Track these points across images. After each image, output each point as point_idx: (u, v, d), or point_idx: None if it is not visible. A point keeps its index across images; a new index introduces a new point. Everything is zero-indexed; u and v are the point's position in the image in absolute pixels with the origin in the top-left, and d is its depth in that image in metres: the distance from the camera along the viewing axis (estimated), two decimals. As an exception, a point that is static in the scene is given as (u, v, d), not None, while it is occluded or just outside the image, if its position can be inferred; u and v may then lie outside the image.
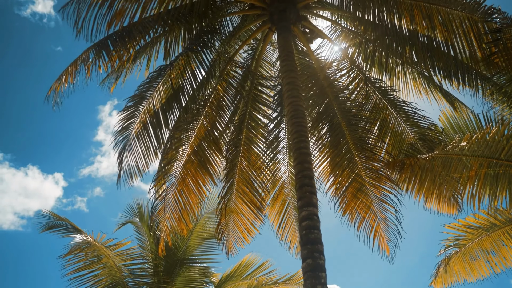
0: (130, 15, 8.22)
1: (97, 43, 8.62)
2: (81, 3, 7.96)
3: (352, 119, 9.77)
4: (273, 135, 10.26)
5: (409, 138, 9.81)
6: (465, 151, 6.38)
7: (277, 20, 8.79)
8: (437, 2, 7.88)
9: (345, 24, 9.56)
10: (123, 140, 9.69)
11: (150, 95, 9.57)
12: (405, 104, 9.85)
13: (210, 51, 9.29)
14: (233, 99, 9.99)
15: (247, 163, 10.24)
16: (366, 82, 9.77)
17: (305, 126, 7.78)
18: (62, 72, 8.98)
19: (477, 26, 7.86)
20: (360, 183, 9.76)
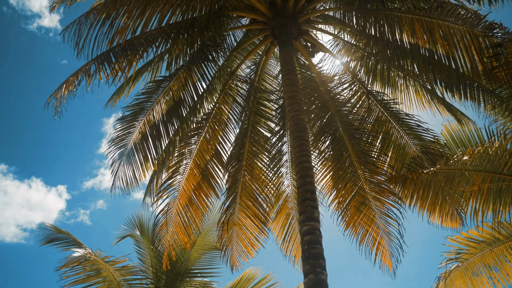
0: (131, 32, 8.29)
1: (99, 56, 8.68)
2: (82, 24, 7.99)
3: (355, 133, 9.80)
4: (276, 148, 10.28)
5: (412, 151, 9.82)
6: (467, 165, 6.39)
7: (279, 34, 8.87)
8: (437, 16, 7.92)
9: (346, 38, 9.63)
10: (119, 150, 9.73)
11: (150, 106, 9.63)
12: (407, 117, 9.89)
13: (212, 65, 9.36)
14: (235, 112, 10.04)
15: (250, 177, 10.26)
16: (368, 96, 9.82)
17: (307, 140, 7.81)
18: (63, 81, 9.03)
19: (478, 40, 7.89)
20: (363, 197, 9.75)
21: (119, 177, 9.81)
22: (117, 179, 9.81)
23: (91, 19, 7.89)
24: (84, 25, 8.03)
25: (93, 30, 7.91)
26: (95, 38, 7.94)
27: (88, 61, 8.76)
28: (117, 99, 10.29)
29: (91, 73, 8.57)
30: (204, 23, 8.59)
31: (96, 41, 7.97)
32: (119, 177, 9.80)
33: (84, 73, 8.70)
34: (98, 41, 7.99)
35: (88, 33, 7.97)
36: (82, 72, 8.78)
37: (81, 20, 8.13)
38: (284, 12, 8.83)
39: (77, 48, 8.09)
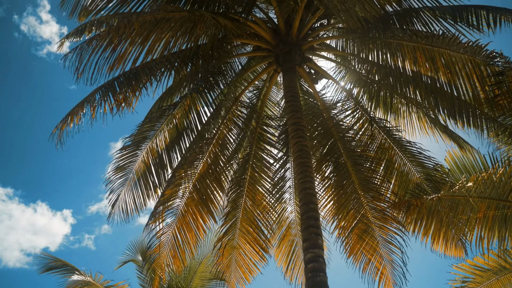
0: (133, 58, 8.42)
1: (103, 85, 8.79)
2: (84, 49, 8.10)
3: (358, 159, 9.87)
4: (279, 174, 10.34)
5: (415, 178, 9.86)
6: (471, 192, 6.41)
7: (283, 61, 9.03)
8: (439, 44, 8.07)
9: (349, 65, 9.78)
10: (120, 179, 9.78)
11: (153, 135, 9.74)
12: (410, 144, 9.95)
13: (216, 92, 9.51)
14: (238, 138, 10.12)
15: (252, 202, 10.27)
16: (371, 122, 9.91)
17: (311, 167, 7.86)
18: (68, 112, 9.13)
19: (480, 69, 8.02)
20: (365, 224, 9.75)
21: (118, 206, 9.85)
22: (116, 208, 9.86)
23: (93, 46, 8.02)
24: (85, 51, 8.15)
25: (94, 56, 8.04)
26: (95, 64, 8.08)
27: (93, 91, 8.90)
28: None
29: (95, 103, 8.68)
30: (208, 50, 8.77)
31: (97, 66, 8.11)
32: (119, 206, 9.85)
33: (88, 104, 8.80)
34: (99, 66, 8.14)
35: (89, 59, 8.11)
36: (87, 102, 8.89)
37: (83, 46, 8.24)
38: (287, 39, 9.02)
39: (77, 73, 8.21)
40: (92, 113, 8.71)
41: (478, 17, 8.30)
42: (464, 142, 9.69)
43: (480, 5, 8.45)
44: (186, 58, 8.90)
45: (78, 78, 8.31)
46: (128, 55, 8.32)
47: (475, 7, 8.41)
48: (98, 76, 8.29)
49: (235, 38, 9.08)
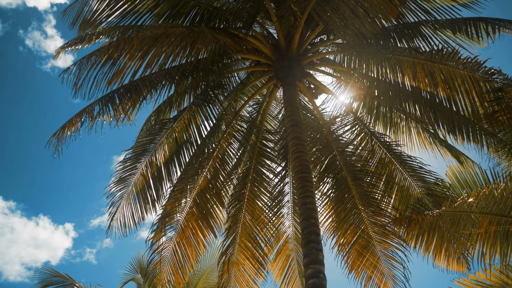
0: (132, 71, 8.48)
1: (103, 97, 8.83)
2: (83, 65, 8.16)
3: (358, 174, 9.90)
4: (277, 189, 10.35)
5: (416, 193, 9.89)
6: (473, 207, 6.43)
7: (283, 76, 9.10)
8: (438, 60, 8.17)
9: (349, 80, 9.86)
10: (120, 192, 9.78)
11: (153, 148, 9.76)
12: (410, 159, 9.98)
13: (216, 106, 9.55)
14: (237, 152, 10.16)
15: (251, 217, 10.28)
16: (371, 137, 9.97)
17: (311, 181, 7.88)
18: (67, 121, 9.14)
19: (479, 85, 8.09)
20: (366, 240, 9.75)
21: (118, 219, 9.84)
22: (115, 222, 9.84)
23: (92, 61, 8.08)
24: (85, 66, 8.20)
25: (93, 71, 8.07)
26: (94, 78, 8.10)
27: (92, 102, 8.93)
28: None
29: (94, 114, 8.70)
30: (208, 65, 8.84)
31: (95, 81, 8.13)
32: (119, 219, 9.83)
33: (87, 114, 8.82)
34: (97, 80, 8.16)
35: (87, 74, 8.15)
36: (85, 113, 8.92)
37: (83, 61, 8.30)
38: (287, 54, 9.10)
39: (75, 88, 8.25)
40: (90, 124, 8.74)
41: (477, 29, 8.40)
42: (464, 157, 9.72)
43: (479, 17, 8.56)
44: (186, 71, 8.97)
45: (76, 93, 8.38)
46: (127, 69, 8.36)
47: (474, 20, 8.53)
48: (96, 91, 8.36)
49: (235, 53, 9.16)
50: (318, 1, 7.84)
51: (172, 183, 9.90)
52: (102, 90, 8.35)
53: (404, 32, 8.85)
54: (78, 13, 8.85)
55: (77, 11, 8.87)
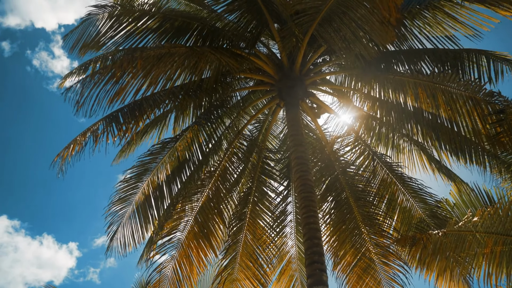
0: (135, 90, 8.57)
1: (107, 116, 8.90)
2: (86, 83, 8.27)
3: (360, 194, 9.93)
4: (280, 208, 10.35)
5: (418, 214, 9.90)
6: (478, 227, 6.46)
7: (286, 95, 9.19)
8: (440, 82, 8.29)
9: (351, 100, 9.97)
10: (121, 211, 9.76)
11: (154, 167, 9.79)
12: (411, 181, 10.03)
13: (218, 125, 9.63)
14: (239, 171, 10.18)
15: (252, 236, 10.26)
16: (373, 157, 10.04)
17: (314, 201, 7.90)
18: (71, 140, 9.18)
19: (481, 106, 8.19)
20: (367, 262, 9.71)
21: (118, 239, 9.80)
22: (114, 241, 9.80)
23: (94, 80, 8.18)
24: (87, 84, 8.29)
25: (95, 89, 8.16)
26: (96, 96, 8.20)
27: (96, 121, 9.00)
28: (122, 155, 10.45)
29: (98, 133, 8.75)
30: (211, 84, 8.95)
31: (97, 99, 8.22)
32: (119, 239, 9.79)
33: (91, 134, 8.88)
34: (99, 99, 8.25)
35: (90, 92, 8.24)
36: (89, 132, 8.97)
37: (86, 80, 8.41)
38: (290, 74, 9.20)
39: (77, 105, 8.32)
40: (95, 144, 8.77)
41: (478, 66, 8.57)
42: (461, 182, 9.72)
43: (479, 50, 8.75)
44: (190, 91, 9.07)
45: (78, 110, 8.45)
46: (129, 88, 8.45)
47: (475, 52, 8.71)
48: (98, 108, 8.43)
49: (238, 73, 9.29)
50: (320, 22, 8.00)
51: (173, 201, 9.89)
52: (104, 108, 8.47)
53: (407, 55, 9.03)
54: (81, 35, 8.97)
55: (80, 33, 8.99)
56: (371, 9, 7.30)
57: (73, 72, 9.23)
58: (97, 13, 8.88)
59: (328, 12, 7.73)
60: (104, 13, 8.82)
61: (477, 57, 8.79)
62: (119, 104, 8.63)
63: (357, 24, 7.68)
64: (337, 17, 7.74)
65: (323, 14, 7.74)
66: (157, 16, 8.82)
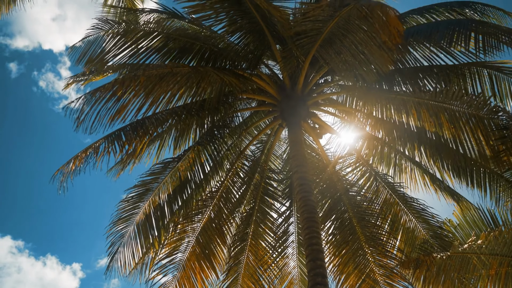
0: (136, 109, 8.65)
1: (110, 134, 8.96)
2: (87, 99, 8.34)
3: (364, 214, 9.90)
4: (282, 229, 10.34)
5: (421, 235, 9.87)
6: (483, 249, 6.46)
7: (288, 116, 9.24)
8: (443, 100, 8.34)
9: (353, 120, 10.03)
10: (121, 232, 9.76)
11: (156, 187, 9.82)
12: (413, 201, 10.00)
13: (221, 145, 9.69)
14: (241, 192, 10.21)
15: (254, 257, 10.24)
16: (376, 178, 10.05)
17: (317, 222, 7.89)
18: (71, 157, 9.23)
19: (484, 123, 8.24)
20: (371, 284, 9.64)
21: (118, 259, 9.78)
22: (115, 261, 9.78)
23: (96, 97, 8.23)
24: (89, 101, 8.37)
25: (97, 106, 8.21)
26: (97, 113, 8.26)
27: (98, 139, 9.08)
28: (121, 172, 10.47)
29: (100, 150, 8.82)
30: (214, 104, 9.03)
31: (98, 116, 8.28)
32: (118, 259, 9.78)
33: (93, 151, 8.95)
34: (100, 116, 8.31)
35: (91, 109, 8.31)
36: (91, 149, 9.04)
37: (87, 96, 8.49)
38: (292, 94, 9.27)
39: (78, 121, 8.40)
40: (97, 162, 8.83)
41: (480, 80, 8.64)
42: (465, 202, 9.71)
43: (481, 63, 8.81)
44: (192, 110, 9.16)
45: (78, 127, 8.53)
46: (131, 106, 8.53)
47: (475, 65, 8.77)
48: (99, 126, 8.51)
49: (240, 93, 9.38)
50: (322, 44, 8.09)
51: (175, 222, 9.90)
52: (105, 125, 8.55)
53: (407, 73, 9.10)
54: (85, 51, 9.11)
55: (84, 50, 9.13)
56: (370, 34, 7.37)
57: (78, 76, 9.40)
58: (102, 28, 9.05)
59: (329, 34, 7.79)
60: (109, 30, 8.99)
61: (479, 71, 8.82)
62: (120, 123, 8.79)
63: (357, 48, 7.75)
64: (338, 39, 7.81)
65: (324, 36, 7.81)
66: (161, 36, 8.97)
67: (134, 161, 9.91)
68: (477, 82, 8.84)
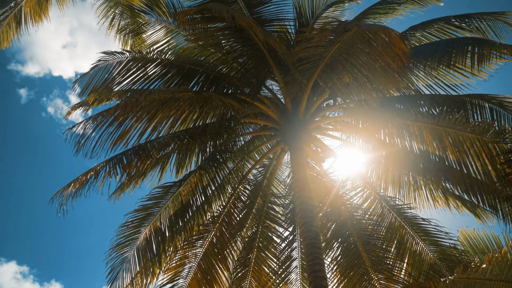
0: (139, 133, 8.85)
1: (112, 158, 9.11)
2: (88, 124, 8.55)
3: (369, 238, 9.94)
4: (285, 254, 10.38)
5: (429, 258, 9.89)
6: (487, 274, 6.49)
7: (290, 140, 9.35)
8: (446, 124, 8.47)
9: (357, 143, 10.17)
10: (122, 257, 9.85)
11: (157, 211, 9.95)
12: (424, 222, 9.99)
13: (223, 169, 9.84)
14: (244, 216, 10.30)
15: (257, 283, 10.27)
16: (380, 201, 10.13)
17: (320, 248, 7.95)
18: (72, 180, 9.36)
19: (488, 147, 8.34)
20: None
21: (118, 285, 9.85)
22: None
23: (98, 121, 8.44)
24: (90, 126, 8.58)
25: (98, 130, 8.43)
26: (99, 138, 8.46)
27: (100, 163, 9.24)
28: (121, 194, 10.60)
29: (101, 174, 8.98)
30: (216, 129, 9.22)
31: (100, 140, 8.50)
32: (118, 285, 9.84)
33: (94, 174, 9.11)
34: (102, 140, 8.53)
35: (91, 133, 8.51)
36: (92, 172, 9.21)
37: (88, 121, 8.71)
38: (294, 118, 9.41)
39: (78, 145, 8.59)
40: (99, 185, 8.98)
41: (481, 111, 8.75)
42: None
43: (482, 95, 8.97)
44: (194, 135, 9.34)
45: (77, 152, 8.72)
46: (133, 131, 8.75)
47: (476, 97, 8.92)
48: (100, 150, 8.70)
49: (242, 118, 9.57)
50: (323, 69, 8.27)
51: (176, 247, 10.00)
52: (106, 150, 8.74)
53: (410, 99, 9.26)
54: (89, 82, 9.37)
55: (88, 81, 9.39)
56: (374, 56, 7.42)
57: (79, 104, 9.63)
58: (107, 59, 9.34)
59: (331, 59, 7.91)
60: (113, 60, 9.27)
61: (480, 103, 8.96)
62: (123, 147, 8.98)
63: (359, 71, 7.85)
64: (340, 64, 7.93)
65: (326, 61, 7.95)
66: (164, 63, 9.24)
67: (135, 185, 10.08)
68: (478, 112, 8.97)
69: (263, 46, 8.67)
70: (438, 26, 9.76)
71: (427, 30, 9.90)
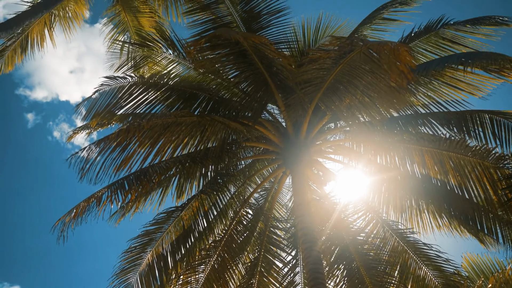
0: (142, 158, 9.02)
1: (113, 183, 9.23)
2: (91, 150, 8.71)
3: (372, 263, 9.96)
4: (288, 279, 10.40)
5: (433, 284, 9.91)
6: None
7: (291, 163, 9.44)
8: (447, 148, 8.60)
9: (358, 167, 10.28)
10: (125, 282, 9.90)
11: (159, 237, 10.04)
12: (426, 247, 10.06)
13: (224, 194, 9.96)
14: (246, 241, 10.37)
15: (260, 309, 10.29)
16: (383, 225, 10.18)
17: (322, 273, 7.98)
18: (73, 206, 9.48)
19: (489, 171, 8.46)
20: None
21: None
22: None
23: (100, 147, 8.60)
24: (93, 152, 8.75)
25: (101, 156, 8.59)
26: (102, 163, 8.62)
27: (102, 188, 9.38)
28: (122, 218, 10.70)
29: (102, 200, 9.11)
30: (217, 153, 9.37)
31: (103, 166, 8.66)
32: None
33: (95, 200, 9.25)
34: (105, 166, 8.69)
35: (95, 159, 8.67)
36: (93, 198, 9.34)
37: (91, 147, 8.87)
38: (296, 141, 9.51)
39: (82, 172, 8.74)
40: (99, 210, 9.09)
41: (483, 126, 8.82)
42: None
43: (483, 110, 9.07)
44: (196, 159, 9.49)
45: (81, 178, 8.88)
46: (136, 156, 8.91)
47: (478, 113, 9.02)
48: (104, 176, 8.86)
49: (244, 142, 9.72)
50: (325, 92, 8.42)
51: (178, 272, 10.06)
52: (110, 175, 8.90)
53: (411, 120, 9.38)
54: (91, 107, 9.58)
55: (90, 107, 9.60)
56: (379, 75, 7.40)
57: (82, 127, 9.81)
58: (110, 84, 9.57)
59: (333, 81, 8.05)
60: (116, 84, 9.50)
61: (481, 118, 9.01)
62: (126, 172, 9.13)
63: (363, 92, 7.93)
64: (342, 86, 8.07)
65: (328, 83, 8.08)
66: (166, 88, 9.45)
67: (135, 210, 10.21)
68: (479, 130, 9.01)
69: (265, 70, 8.85)
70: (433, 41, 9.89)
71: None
